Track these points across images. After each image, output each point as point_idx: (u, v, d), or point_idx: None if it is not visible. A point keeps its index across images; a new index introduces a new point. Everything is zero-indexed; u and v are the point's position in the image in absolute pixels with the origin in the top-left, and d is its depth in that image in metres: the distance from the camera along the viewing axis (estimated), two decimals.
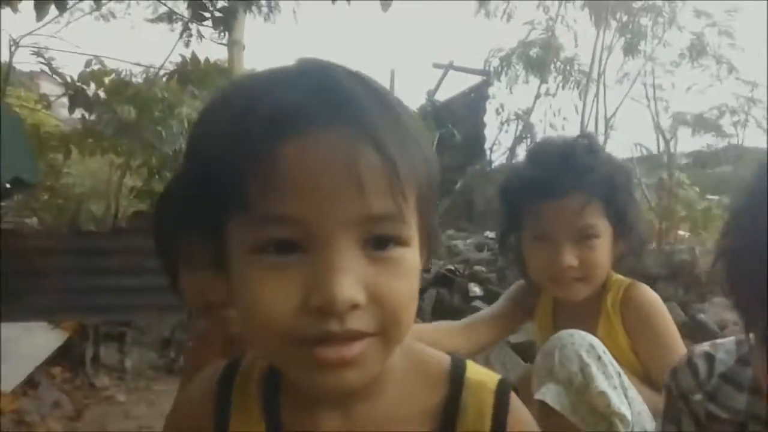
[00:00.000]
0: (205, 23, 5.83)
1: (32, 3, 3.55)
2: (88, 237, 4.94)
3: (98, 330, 4.57)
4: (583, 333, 1.15)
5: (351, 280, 0.46)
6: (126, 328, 4.74)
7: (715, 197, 4.14)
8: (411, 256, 0.51)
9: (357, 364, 0.48)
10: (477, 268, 4.66)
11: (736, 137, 6.68)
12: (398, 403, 0.54)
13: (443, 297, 4.67)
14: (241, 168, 0.46)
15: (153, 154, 6.21)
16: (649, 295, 1.35)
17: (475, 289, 4.50)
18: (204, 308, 0.88)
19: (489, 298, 4.51)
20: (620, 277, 1.39)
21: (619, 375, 1.12)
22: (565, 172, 1.27)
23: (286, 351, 0.48)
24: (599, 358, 1.11)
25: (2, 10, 4.08)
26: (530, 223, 1.36)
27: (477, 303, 4.43)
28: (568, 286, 1.34)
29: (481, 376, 0.57)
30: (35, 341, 4.19)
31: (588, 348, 1.12)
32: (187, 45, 5.92)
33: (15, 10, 3.94)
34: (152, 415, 3.83)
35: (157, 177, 6.61)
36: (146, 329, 4.86)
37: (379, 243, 0.49)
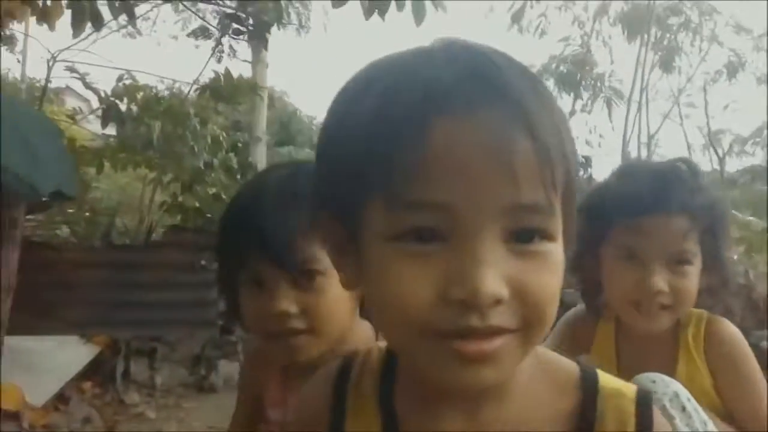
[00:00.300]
0: (239, 37, 5.88)
1: (68, 20, 3.56)
2: (121, 251, 4.91)
3: (129, 345, 4.51)
4: (666, 378, 1.04)
5: (495, 273, 0.44)
6: (157, 344, 4.68)
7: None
8: (556, 251, 0.48)
9: (495, 360, 0.46)
10: None
11: None
12: (527, 407, 0.52)
13: None
14: (388, 150, 0.44)
15: (184, 168, 6.24)
16: (732, 330, 1.23)
17: None
18: (268, 335, 0.86)
19: None
20: (696, 310, 1.26)
21: (705, 424, 1.02)
22: (672, 189, 1.15)
23: (422, 344, 0.46)
24: (683, 408, 1.01)
25: (38, 26, 4.11)
26: (618, 241, 1.23)
27: None
28: (653, 314, 1.20)
29: (616, 383, 0.54)
30: (66, 355, 4.15)
31: (672, 397, 1.01)
32: (219, 60, 5.91)
33: (52, 28, 3.95)
34: None
35: (188, 192, 6.64)
36: (177, 345, 4.81)
37: (525, 236, 0.46)
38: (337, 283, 0.77)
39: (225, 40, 6.11)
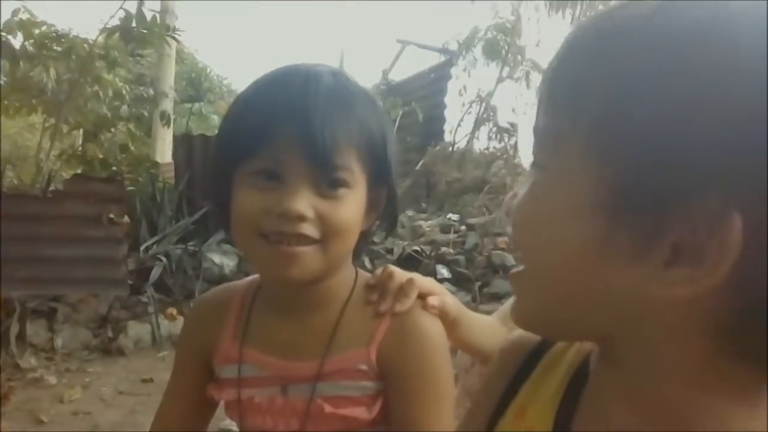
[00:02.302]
0: None
1: None
2: (15, 201, 4.38)
3: (25, 305, 4.08)
4: None
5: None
6: (57, 304, 4.27)
7: None
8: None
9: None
10: (444, 249, 4.50)
11: None
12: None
13: None
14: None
15: (87, 115, 5.71)
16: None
17: (443, 272, 4.35)
18: (264, 241, 0.76)
19: (457, 280, 4.36)
20: None
21: None
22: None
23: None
24: None
25: None
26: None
27: (446, 285, 4.27)
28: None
29: None
30: None
31: None
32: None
33: None
34: (88, 399, 3.47)
35: (93, 141, 6.10)
36: (80, 306, 4.41)
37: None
38: (354, 202, 0.74)
39: None
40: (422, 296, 0.78)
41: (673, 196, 0.36)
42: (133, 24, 5.23)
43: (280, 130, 0.70)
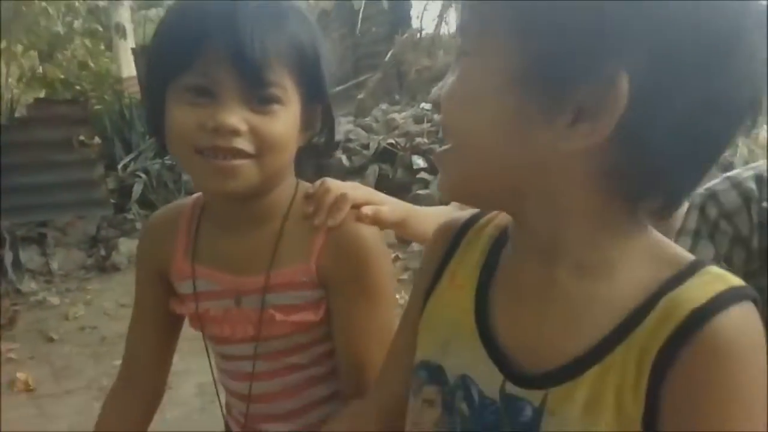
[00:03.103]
0: None
1: None
2: None
3: (14, 233, 4.16)
4: None
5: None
6: (45, 229, 4.35)
7: None
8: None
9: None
10: (419, 140, 4.57)
11: None
12: (608, 279, 0.51)
13: (386, 173, 4.58)
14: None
15: (39, 35, 5.49)
16: None
17: (419, 162, 4.44)
18: (199, 156, 0.76)
19: (433, 169, 4.47)
20: None
21: None
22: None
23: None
24: None
25: None
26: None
27: (423, 175, 4.38)
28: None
29: (727, 274, 0.49)
30: None
31: None
32: None
33: None
34: (92, 314, 3.66)
35: (49, 61, 5.90)
36: (68, 229, 4.50)
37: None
38: (288, 118, 0.75)
39: None
40: (357, 206, 0.80)
41: (575, 65, 0.44)
42: None
43: (211, 44, 0.70)
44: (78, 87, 5.67)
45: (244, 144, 0.72)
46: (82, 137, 4.33)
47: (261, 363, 0.83)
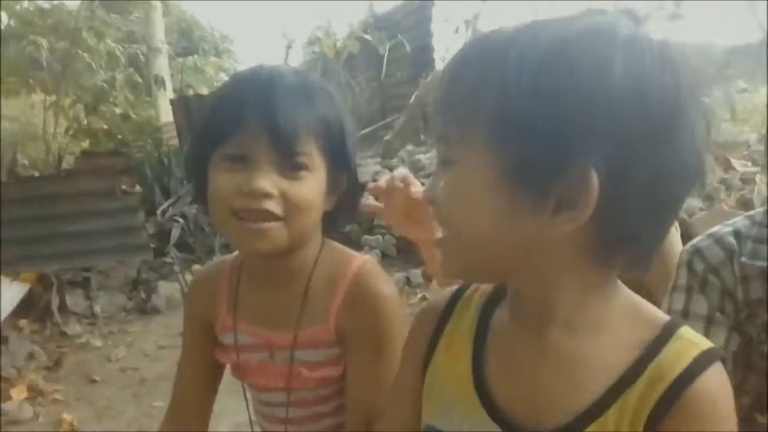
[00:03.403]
0: None
1: None
2: (33, 183, 4.64)
3: (60, 278, 4.39)
4: None
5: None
6: (89, 273, 4.57)
7: None
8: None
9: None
10: None
11: None
12: (594, 339, 0.59)
13: None
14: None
15: (84, 88, 5.83)
16: (677, 242, 1.22)
17: None
18: (235, 219, 0.87)
19: None
20: None
21: None
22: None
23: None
24: None
25: None
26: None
27: None
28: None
29: (696, 337, 0.59)
30: None
31: None
32: None
33: None
34: (133, 356, 3.81)
35: (94, 113, 6.25)
36: (111, 273, 4.72)
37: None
38: (314, 183, 0.84)
39: None
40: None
41: (549, 166, 0.51)
42: None
43: (248, 120, 0.80)
44: (120, 136, 5.97)
45: (274, 207, 0.81)
46: (124, 186, 4.57)
47: (293, 409, 0.92)
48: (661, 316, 0.61)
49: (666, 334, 0.57)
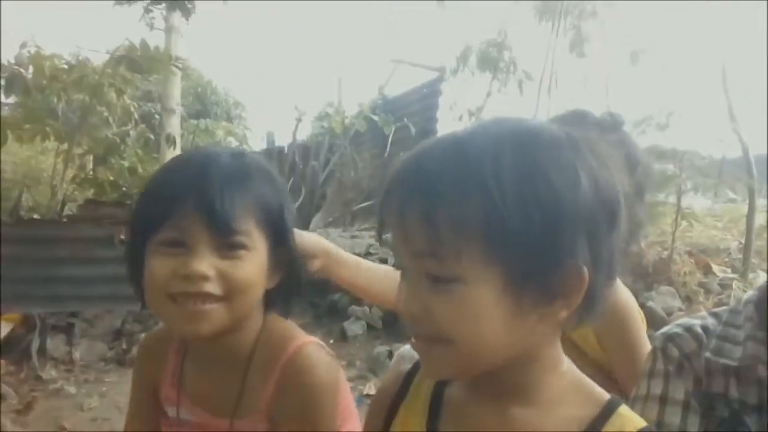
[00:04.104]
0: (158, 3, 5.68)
1: None
2: (35, 225, 4.73)
3: (45, 321, 4.39)
4: None
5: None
6: (75, 320, 4.58)
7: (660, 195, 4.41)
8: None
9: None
10: None
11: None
12: (549, 413, 0.64)
13: None
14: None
15: (98, 140, 6.01)
16: (626, 296, 1.24)
17: None
18: (174, 302, 0.84)
19: None
20: None
21: None
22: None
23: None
24: None
25: None
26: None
27: None
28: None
29: (633, 415, 0.65)
30: None
31: None
32: (151, 28, 5.70)
33: None
34: (106, 406, 3.76)
35: (103, 164, 6.42)
36: (95, 321, 4.73)
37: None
38: (254, 262, 0.83)
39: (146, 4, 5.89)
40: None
41: (552, 269, 0.57)
42: (138, 53, 5.55)
43: (183, 203, 0.79)
44: (125, 189, 6.11)
45: (213, 287, 0.80)
46: (122, 236, 4.66)
47: None
48: (602, 393, 0.67)
49: (608, 411, 0.63)
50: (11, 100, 5.60)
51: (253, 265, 0.83)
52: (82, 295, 4.51)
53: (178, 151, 7.83)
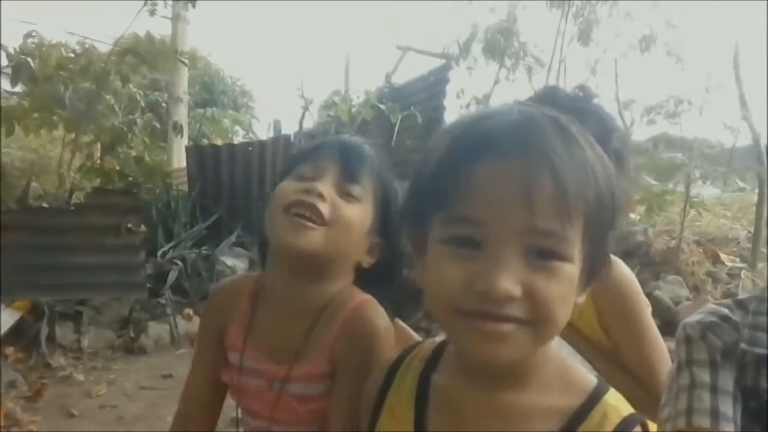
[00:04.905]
0: None
1: None
2: (43, 213, 4.75)
3: (53, 309, 4.43)
4: None
5: (510, 277, 0.57)
6: (83, 307, 4.61)
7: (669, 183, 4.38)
8: (568, 270, 0.60)
9: (507, 341, 0.58)
10: None
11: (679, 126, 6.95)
12: (537, 401, 0.64)
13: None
14: (448, 181, 0.60)
15: (104, 129, 6.03)
16: (627, 273, 1.22)
17: None
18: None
19: None
20: None
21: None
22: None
23: (452, 319, 0.60)
24: None
25: None
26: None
27: None
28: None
29: (619, 402, 0.65)
30: None
31: None
32: (151, 14, 5.68)
33: None
34: (113, 393, 3.80)
35: (110, 153, 6.43)
36: (103, 309, 4.75)
37: (542, 254, 0.59)
38: (355, 221, 0.92)
39: None
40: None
41: (606, 252, 0.64)
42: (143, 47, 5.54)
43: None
44: (131, 177, 6.12)
45: (317, 216, 0.89)
46: (130, 225, 4.68)
47: (278, 426, 0.95)
48: (590, 383, 0.67)
49: (592, 401, 0.64)
50: (18, 89, 5.62)
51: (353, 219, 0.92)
52: (90, 283, 4.54)
53: (185, 140, 7.86)
